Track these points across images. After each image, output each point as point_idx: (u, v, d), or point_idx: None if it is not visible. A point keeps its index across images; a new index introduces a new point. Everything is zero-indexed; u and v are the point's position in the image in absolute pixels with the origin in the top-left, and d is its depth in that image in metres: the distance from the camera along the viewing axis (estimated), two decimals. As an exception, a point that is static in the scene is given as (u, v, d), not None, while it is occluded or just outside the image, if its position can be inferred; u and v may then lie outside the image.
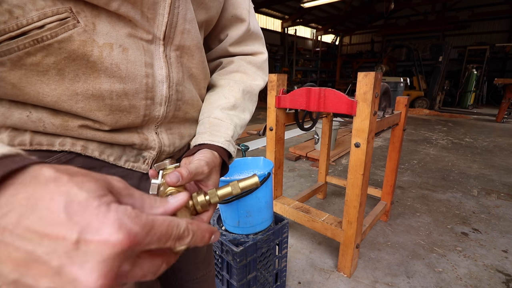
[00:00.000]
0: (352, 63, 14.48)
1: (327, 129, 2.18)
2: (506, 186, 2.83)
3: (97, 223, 0.18)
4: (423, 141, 4.78)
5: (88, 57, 0.33)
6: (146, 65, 0.39)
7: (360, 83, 1.22)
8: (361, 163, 1.31)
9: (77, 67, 0.33)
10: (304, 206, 1.72)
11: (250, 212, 1.12)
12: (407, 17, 13.68)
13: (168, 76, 0.42)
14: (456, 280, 1.51)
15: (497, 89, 9.15)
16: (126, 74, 0.37)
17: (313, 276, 1.54)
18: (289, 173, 3.16)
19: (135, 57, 0.37)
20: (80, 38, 0.32)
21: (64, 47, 0.32)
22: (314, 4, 9.15)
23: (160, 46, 0.40)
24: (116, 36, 0.35)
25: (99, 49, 0.34)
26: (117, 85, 0.37)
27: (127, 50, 0.36)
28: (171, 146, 0.48)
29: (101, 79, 0.35)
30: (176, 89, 0.43)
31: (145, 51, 0.38)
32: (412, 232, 1.98)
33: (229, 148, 0.46)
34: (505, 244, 1.85)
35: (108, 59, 0.35)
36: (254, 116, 7.49)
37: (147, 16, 0.37)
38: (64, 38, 0.31)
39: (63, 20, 0.31)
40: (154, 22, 0.38)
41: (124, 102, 0.38)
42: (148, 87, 0.40)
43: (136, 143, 0.43)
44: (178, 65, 0.43)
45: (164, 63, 0.41)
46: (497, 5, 10.98)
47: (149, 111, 0.41)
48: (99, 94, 0.36)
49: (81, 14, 0.32)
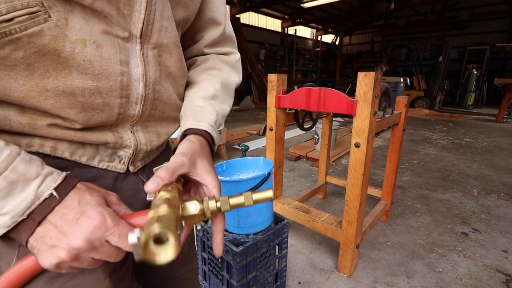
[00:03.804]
0: (352, 63, 14.49)
1: (327, 129, 2.18)
2: (506, 186, 2.83)
3: (90, 211, 0.32)
4: (423, 141, 4.78)
5: (59, 52, 0.32)
6: (122, 63, 0.38)
7: (360, 83, 1.22)
8: (361, 163, 1.31)
9: (47, 63, 0.32)
10: (304, 206, 1.72)
11: (250, 212, 1.12)
12: (407, 17, 13.68)
13: (145, 74, 0.41)
14: (456, 280, 1.51)
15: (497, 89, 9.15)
16: (100, 71, 0.36)
17: (313, 276, 1.54)
18: (289, 173, 3.16)
19: (110, 54, 0.36)
20: (51, 33, 0.31)
21: (33, 41, 0.31)
22: (314, 4, 9.16)
23: (137, 44, 0.39)
24: (90, 32, 0.34)
25: (71, 44, 0.33)
26: (89, 82, 0.36)
27: (101, 47, 0.35)
28: (148, 144, 0.47)
29: (72, 75, 0.34)
30: (153, 88, 0.43)
31: (120, 48, 0.37)
32: (412, 232, 1.98)
33: (212, 133, 0.47)
34: (505, 244, 1.85)
35: (81, 56, 0.34)
36: (254, 116, 7.49)
37: (123, 12, 0.36)
38: (33, 32, 0.30)
39: (33, 14, 0.30)
40: (131, 19, 0.37)
41: (97, 100, 0.37)
42: (123, 86, 0.39)
43: (110, 141, 0.42)
44: (155, 63, 0.42)
45: (140, 61, 0.40)
46: (497, 5, 10.98)
47: (123, 110, 0.40)
48: (70, 91, 0.35)
49: (53, 8, 0.31)
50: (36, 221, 0.30)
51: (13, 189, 0.29)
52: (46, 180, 0.31)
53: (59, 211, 0.31)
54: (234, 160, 1.31)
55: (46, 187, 0.31)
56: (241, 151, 2.83)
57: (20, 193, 0.29)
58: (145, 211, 0.35)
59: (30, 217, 0.30)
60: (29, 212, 0.30)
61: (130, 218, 0.35)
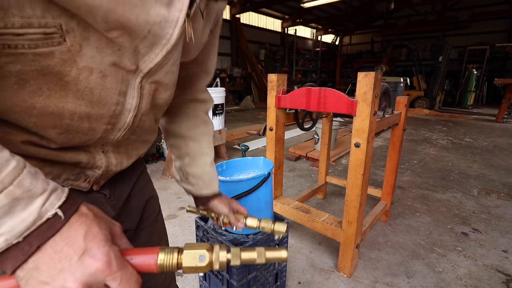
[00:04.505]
0: (352, 63, 14.48)
1: (327, 129, 2.18)
2: (506, 186, 2.83)
3: (96, 250, 0.28)
4: (423, 141, 4.78)
5: (63, 76, 0.31)
6: (120, 93, 0.37)
7: (360, 83, 1.22)
8: (361, 163, 1.31)
9: (44, 82, 0.30)
10: (304, 206, 1.72)
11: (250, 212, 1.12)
12: (407, 17, 13.67)
13: (138, 106, 0.41)
14: (456, 280, 1.51)
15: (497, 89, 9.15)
16: (98, 99, 0.35)
17: (313, 276, 1.54)
18: (289, 173, 3.16)
19: (112, 85, 0.36)
20: (61, 56, 0.30)
21: (39, 60, 0.29)
22: (314, 4, 9.15)
23: (138, 77, 0.39)
24: (100, 62, 0.33)
25: (77, 71, 0.32)
26: (83, 107, 0.34)
27: (106, 77, 0.34)
28: (118, 165, 0.47)
29: (67, 98, 0.33)
30: (140, 118, 0.43)
31: (122, 79, 0.37)
32: (412, 232, 1.98)
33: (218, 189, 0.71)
34: (505, 244, 1.85)
35: (84, 82, 0.33)
36: (254, 116, 7.49)
37: (139, 50, 0.36)
38: (42, 52, 0.29)
39: (48, 35, 0.28)
40: (144, 58, 0.37)
41: (84, 124, 0.36)
42: (115, 114, 0.38)
43: (83, 161, 0.40)
44: (149, 96, 0.42)
45: (137, 93, 0.39)
46: (497, 5, 10.97)
47: (105, 135, 0.40)
48: (60, 112, 0.33)
49: (70, 33, 0.30)
50: (33, 245, 0.26)
51: (14, 207, 0.25)
52: (51, 197, 0.27)
53: (59, 242, 0.27)
54: (234, 160, 1.31)
55: (51, 205, 0.27)
56: (241, 151, 2.83)
57: (21, 212, 0.25)
58: (144, 248, 0.33)
59: (27, 240, 0.25)
60: (27, 234, 0.25)
61: (130, 255, 0.32)
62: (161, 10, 0.34)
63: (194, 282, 1.47)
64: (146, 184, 0.62)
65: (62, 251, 0.27)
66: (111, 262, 0.28)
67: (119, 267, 0.29)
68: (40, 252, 0.26)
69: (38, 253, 0.26)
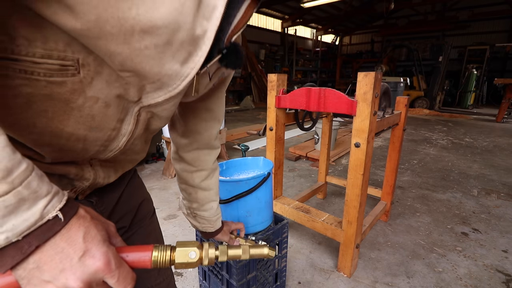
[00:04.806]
0: (352, 63, 14.48)
1: (327, 129, 2.18)
2: (506, 186, 2.83)
3: (95, 251, 0.30)
4: (423, 141, 4.78)
5: (70, 102, 0.33)
6: (118, 120, 0.39)
7: (360, 83, 1.22)
8: (361, 163, 1.31)
9: (50, 105, 0.32)
10: (304, 206, 1.72)
11: (250, 212, 1.12)
12: (407, 17, 13.67)
13: (132, 132, 0.42)
14: (456, 280, 1.51)
15: (497, 89, 9.16)
16: (97, 125, 0.37)
17: (313, 276, 1.54)
18: (289, 173, 3.16)
19: (113, 113, 0.37)
20: (73, 86, 0.31)
21: (50, 87, 0.30)
22: (314, 4, 9.15)
23: (137, 106, 0.40)
24: (107, 94, 0.35)
25: (84, 99, 0.33)
26: (81, 131, 0.36)
27: (109, 106, 0.36)
28: (106, 178, 0.48)
29: (69, 122, 0.34)
30: (132, 142, 0.45)
31: (123, 108, 0.38)
32: (412, 232, 1.98)
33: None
34: (505, 244, 1.85)
35: (88, 110, 0.34)
36: (254, 116, 7.49)
37: (145, 89, 0.37)
38: (56, 81, 0.30)
39: (65, 67, 0.30)
40: (147, 94, 0.38)
41: (79, 145, 0.38)
42: (110, 138, 0.40)
43: (71, 173, 0.42)
44: (144, 123, 0.44)
45: (133, 120, 0.41)
46: (497, 5, 10.96)
47: (97, 155, 0.42)
48: (58, 133, 0.35)
49: (85, 67, 0.31)
50: (32, 245, 0.26)
51: (19, 207, 0.26)
52: (54, 199, 0.28)
53: (60, 243, 0.28)
54: (234, 160, 1.31)
55: (52, 207, 0.28)
56: (241, 151, 2.84)
57: (25, 212, 0.26)
58: (138, 246, 0.35)
59: (26, 239, 0.26)
60: (27, 233, 0.26)
61: (125, 252, 0.34)
62: (175, 65, 0.35)
63: (194, 282, 1.47)
64: (137, 188, 0.63)
65: (63, 252, 0.28)
66: (109, 261, 0.30)
67: (117, 265, 0.31)
68: (40, 252, 0.27)
69: (38, 253, 0.27)
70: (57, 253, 0.28)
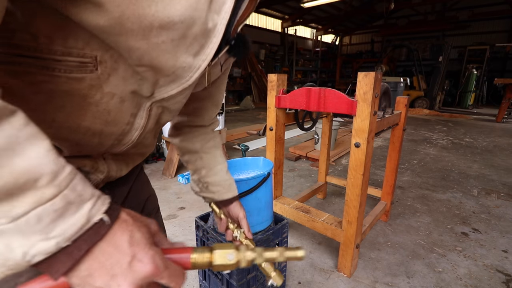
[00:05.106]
0: (352, 63, 14.49)
1: (327, 129, 2.18)
2: (506, 186, 2.83)
3: (142, 255, 0.30)
4: (423, 141, 4.78)
5: (88, 98, 0.34)
6: (132, 115, 0.41)
7: (360, 83, 1.22)
8: (361, 163, 1.31)
9: (68, 100, 0.33)
10: (304, 206, 1.72)
11: (250, 212, 1.12)
12: (407, 17, 13.67)
13: (144, 126, 0.44)
14: (456, 280, 1.51)
15: (497, 89, 9.16)
16: (113, 120, 0.38)
17: (313, 276, 1.54)
18: (289, 173, 3.16)
19: (127, 108, 0.39)
20: (91, 82, 0.33)
21: (70, 83, 0.32)
22: (314, 4, 9.15)
23: (150, 101, 0.42)
24: (122, 90, 0.36)
25: (101, 95, 0.35)
26: (98, 126, 0.37)
27: (124, 101, 0.38)
28: (118, 171, 0.49)
29: (86, 117, 0.36)
30: (144, 135, 0.47)
31: (136, 103, 0.40)
32: (412, 232, 1.98)
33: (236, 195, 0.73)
34: (505, 244, 1.85)
35: (104, 105, 0.36)
36: (254, 116, 7.49)
37: (159, 83, 0.39)
38: (75, 77, 0.32)
39: (84, 64, 0.32)
40: (160, 88, 0.41)
41: (95, 139, 0.39)
42: (124, 132, 0.42)
43: (87, 166, 0.43)
44: (155, 117, 0.46)
45: (146, 115, 0.43)
46: (497, 5, 10.97)
47: (111, 148, 0.43)
48: (76, 127, 0.36)
49: (103, 64, 0.33)
50: (82, 249, 0.26)
51: (67, 211, 0.26)
52: (98, 202, 0.29)
53: (107, 248, 0.28)
54: (234, 160, 1.31)
55: (97, 210, 0.28)
56: (241, 151, 2.84)
57: (72, 215, 0.26)
58: (179, 248, 0.36)
59: (75, 244, 0.26)
60: (76, 237, 0.26)
61: (168, 253, 0.35)
62: (188, 58, 0.38)
63: (194, 282, 1.47)
64: (143, 184, 0.65)
65: (112, 257, 0.28)
66: (157, 264, 0.30)
67: (165, 266, 0.31)
68: (91, 258, 0.27)
69: (89, 260, 0.27)
70: (107, 259, 0.28)
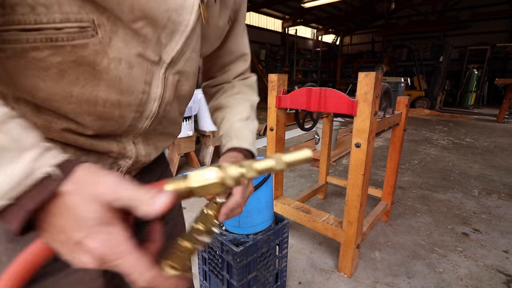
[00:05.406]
0: (353, 63, 14.46)
1: (327, 129, 2.18)
2: (507, 186, 2.83)
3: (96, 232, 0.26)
4: (423, 141, 4.77)
5: (96, 65, 0.35)
6: (145, 83, 0.41)
7: (361, 83, 1.22)
8: (362, 163, 1.31)
9: (80, 72, 0.34)
10: (305, 206, 1.72)
11: (251, 212, 1.12)
12: (407, 17, 13.66)
13: (162, 96, 0.44)
14: (457, 281, 1.51)
15: (498, 89, 9.14)
16: (126, 88, 0.39)
17: (314, 276, 1.54)
18: (290, 173, 3.16)
19: (138, 74, 0.39)
20: (94, 47, 0.34)
21: (75, 51, 0.33)
22: (315, 4, 9.15)
23: (163, 68, 0.42)
24: (127, 53, 0.37)
25: (108, 61, 0.35)
26: (114, 95, 0.38)
27: (132, 67, 0.38)
28: (147, 156, 0.50)
29: (100, 87, 0.36)
30: (164, 108, 0.46)
31: (148, 70, 0.40)
32: (412, 232, 1.98)
33: (253, 149, 0.57)
34: (505, 244, 1.85)
35: (114, 72, 0.36)
36: (255, 116, 7.49)
37: (161, 41, 0.39)
38: (79, 44, 0.33)
39: (83, 28, 0.32)
40: (165, 47, 0.41)
41: (115, 112, 0.39)
42: (142, 103, 0.42)
43: (114, 151, 0.44)
44: (172, 87, 0.45)
45: (161, 83, 0.43)
46: (498, 5, 10.95)
47: (135, 123, 0.43)
48: (94, 100, 0.37)
49: (101, 27, 0.34)
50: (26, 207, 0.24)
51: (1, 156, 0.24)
52: (46, 155, 0.26)
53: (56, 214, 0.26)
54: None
55: (44, 162, 0.25)
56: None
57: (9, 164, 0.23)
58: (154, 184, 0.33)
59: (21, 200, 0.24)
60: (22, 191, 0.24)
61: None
62: None
63: (194, 283, 1.47)
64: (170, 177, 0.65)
65: (61, 228, 0.26)
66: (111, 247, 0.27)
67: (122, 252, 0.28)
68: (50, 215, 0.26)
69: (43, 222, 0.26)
70: (66, 216, 0.25)
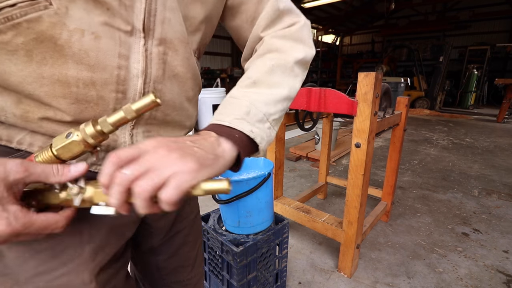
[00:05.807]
0: (353, 63, 14.46)
1: (327, 129, 2.18)
2: (506, 186, 2.83)
3: None
4: (423, 141, 4.77)
5: (56, 40, 0.33)
6: (120, 56, 0.37)
7: (361, 83, 1.22)
8: (362, 163, 1.31)
9: (44, 50, 0.33)
10: (305, 207, 1.72)
11: (251, 212, 1.12)
12: (407, 17, 13.65)
13: (145, 71, 0.39)
14: (457, 281, 1.51)
15: (498, 89, 9.15)
16: (95, 62, 0.35)
17: (314, 276, 1.54)
18: (290, 173, 3.16)
19: (108, 46, 0.36)
20: (50, 20, 0.32)
21: (32, 27, 0.31)
22: (315, 5, 9.16)
23: (140, 39, 0.38)
24: (90, 23, 0.34)
25: (68, 33, 0.33)
26: (84, 72, 0.35)
27: (99, 38, 0.35)
28: None
29: (68, 64, 0.34)
30: (154, 86, 0.41)
31: (121, 42, 0.37)
32: (412, 232, 1.98)
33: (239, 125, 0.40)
34: (505, 244, 1.84)
35: (77, 45, 0.34)
36: (255, 116, 7.48)
37: (124, 3, 0.36)
38: (32, 18, 0.31)
39: (34, 1, 0.31)
40: (133, 11, 0.37)
41: (91, 92, 0.36)
42: (120, 80, 0.38)
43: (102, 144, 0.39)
44: (159, 61, 0.41)
45: (142, 57, 0.39)
46: (497, 5, 10.95)
47: (120, 106, 0.39)
48: (65, 80, 0.34)
49: None
50: None
51: None
52: None
53: None
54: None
55: None
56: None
57: None
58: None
59: None
60: None
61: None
62: None
63: (194, 282, 1.47)
64: None
65: None
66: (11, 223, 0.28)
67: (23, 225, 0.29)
68: None
69: None
70: None
